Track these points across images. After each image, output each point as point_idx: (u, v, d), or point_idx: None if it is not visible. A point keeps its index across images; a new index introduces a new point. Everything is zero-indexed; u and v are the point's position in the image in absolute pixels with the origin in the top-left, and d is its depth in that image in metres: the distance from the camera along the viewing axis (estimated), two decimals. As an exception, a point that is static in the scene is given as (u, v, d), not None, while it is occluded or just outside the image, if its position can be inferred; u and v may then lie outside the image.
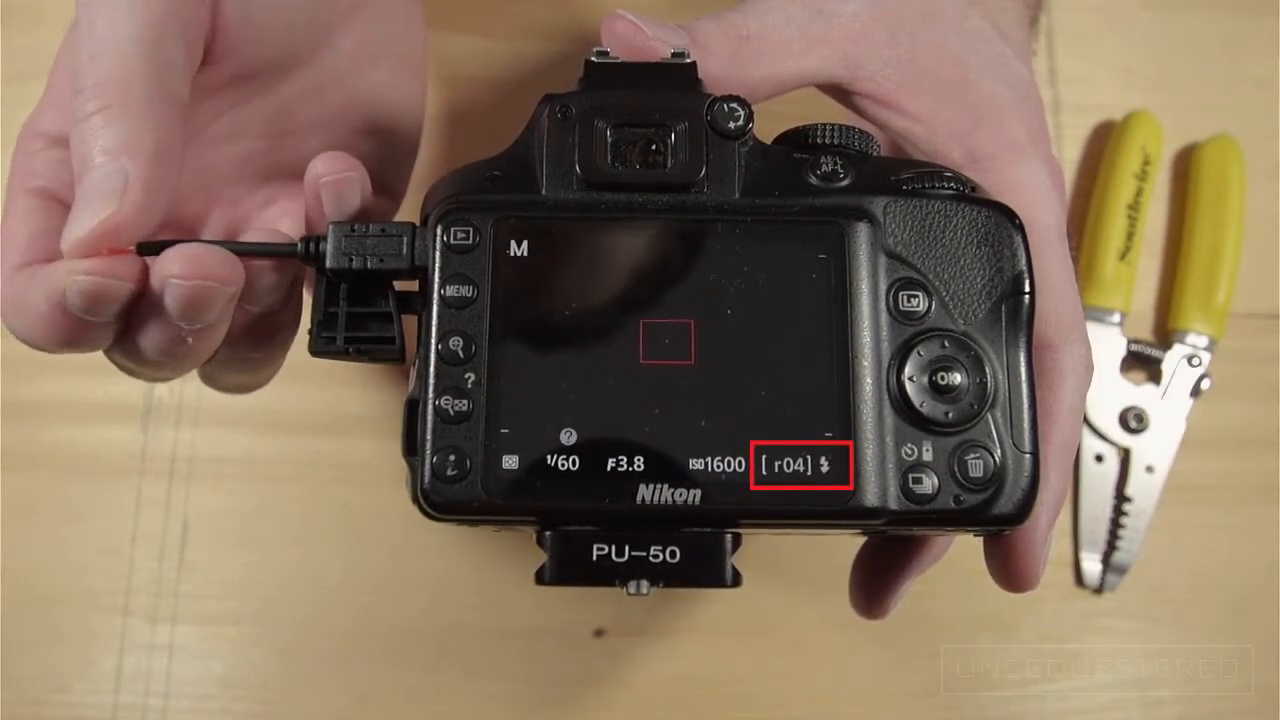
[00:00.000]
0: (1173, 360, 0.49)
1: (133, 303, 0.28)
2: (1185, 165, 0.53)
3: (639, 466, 0.26)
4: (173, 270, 0.27)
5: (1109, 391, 0.49)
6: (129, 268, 0.27)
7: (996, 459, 0.27)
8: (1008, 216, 0.29)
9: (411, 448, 0.27)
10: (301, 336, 0.31)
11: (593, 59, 0.30)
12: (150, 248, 0.28)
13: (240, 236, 0.33)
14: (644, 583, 0.27)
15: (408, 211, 0.38)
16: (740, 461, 0.27)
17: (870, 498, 0.27)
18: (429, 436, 0.27)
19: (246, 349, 0.32)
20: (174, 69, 0.29)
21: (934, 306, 0.28)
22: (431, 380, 0.27)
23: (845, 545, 0.34)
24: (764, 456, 0.27)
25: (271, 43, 0.33)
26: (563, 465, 0.26)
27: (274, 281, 0.30)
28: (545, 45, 0.52)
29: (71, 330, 0.28)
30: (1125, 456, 0.49)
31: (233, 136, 0.34)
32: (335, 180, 0.29)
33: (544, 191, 0.28)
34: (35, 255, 0.28)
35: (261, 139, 0.35)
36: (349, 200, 0.30)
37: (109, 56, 0.28)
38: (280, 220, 0.33)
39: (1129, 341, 0.49)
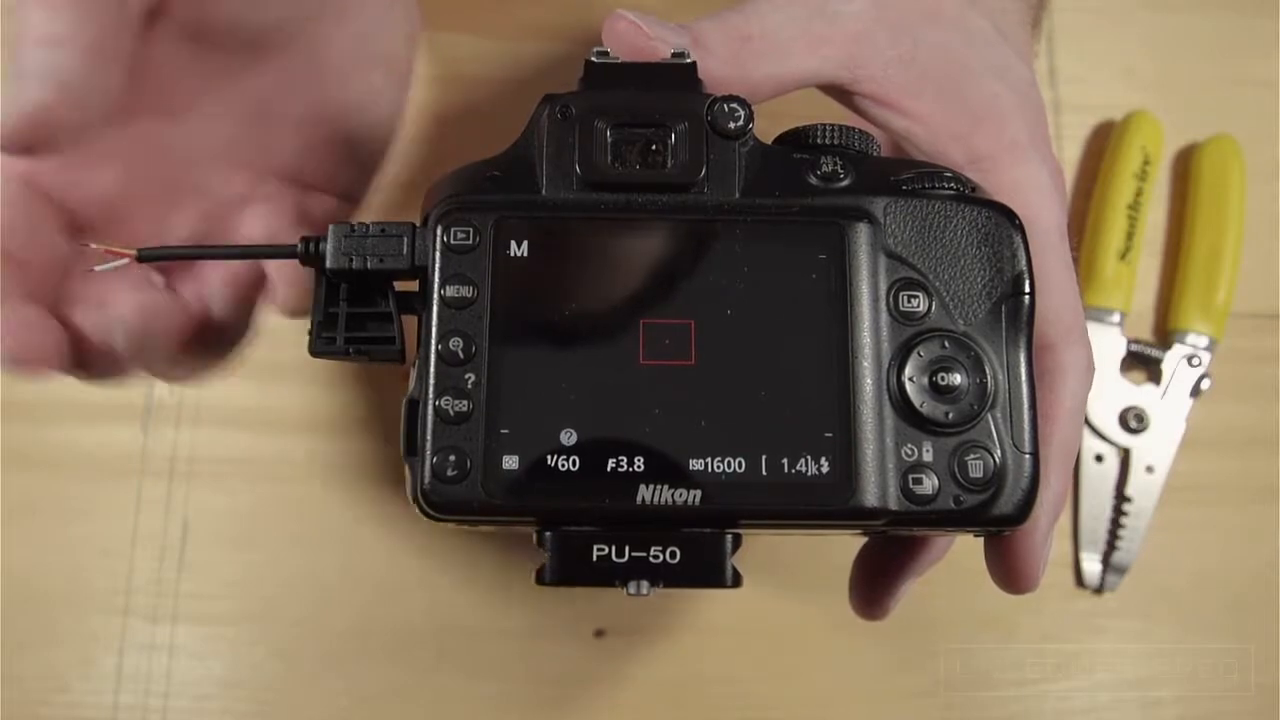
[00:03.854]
0: (1173, 360, 0.49)
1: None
2: (1185, 165, 0.53)
3: (639, 467, 0.26)
4: None
5: (1109, 391, 0.49)
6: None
7: (996, 459, 0.27)
8: (1008, 217, 0.29)
9: (411, 448, 0.27)
10: (301, 337, 0.31)
11: (593, 59, 0.30)
12: (151, 254, 0.29)
13: (218, 239, 0.33)
14: (644, 583, 0.27)
15: (408, 211, 0.38)
16: (740, 462, 0.26)
17: (870, 498, 0.26)
18: (429, 437, 0.26)
19: (189, 360, 0.33)
20: None
21: (934, 307, 0.28)
22: (431, 380, 0.27)
23: (845, 545, 0.34)
24: (764, 457, 0.27)
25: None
26: (563, 465, 0.26)
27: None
28: (545, 45, 0.52)
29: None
30: (1125, 456, 0.48)
31: (213, 117, 0.34)
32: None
33: (544, 192, 0.28)
34: None
35: (241, 124, 0.35)
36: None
37: None
38: (253, 226, 0.33)
39: (1129, 341, 0.49)
